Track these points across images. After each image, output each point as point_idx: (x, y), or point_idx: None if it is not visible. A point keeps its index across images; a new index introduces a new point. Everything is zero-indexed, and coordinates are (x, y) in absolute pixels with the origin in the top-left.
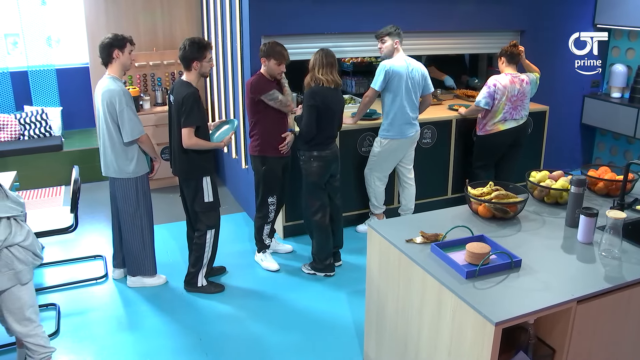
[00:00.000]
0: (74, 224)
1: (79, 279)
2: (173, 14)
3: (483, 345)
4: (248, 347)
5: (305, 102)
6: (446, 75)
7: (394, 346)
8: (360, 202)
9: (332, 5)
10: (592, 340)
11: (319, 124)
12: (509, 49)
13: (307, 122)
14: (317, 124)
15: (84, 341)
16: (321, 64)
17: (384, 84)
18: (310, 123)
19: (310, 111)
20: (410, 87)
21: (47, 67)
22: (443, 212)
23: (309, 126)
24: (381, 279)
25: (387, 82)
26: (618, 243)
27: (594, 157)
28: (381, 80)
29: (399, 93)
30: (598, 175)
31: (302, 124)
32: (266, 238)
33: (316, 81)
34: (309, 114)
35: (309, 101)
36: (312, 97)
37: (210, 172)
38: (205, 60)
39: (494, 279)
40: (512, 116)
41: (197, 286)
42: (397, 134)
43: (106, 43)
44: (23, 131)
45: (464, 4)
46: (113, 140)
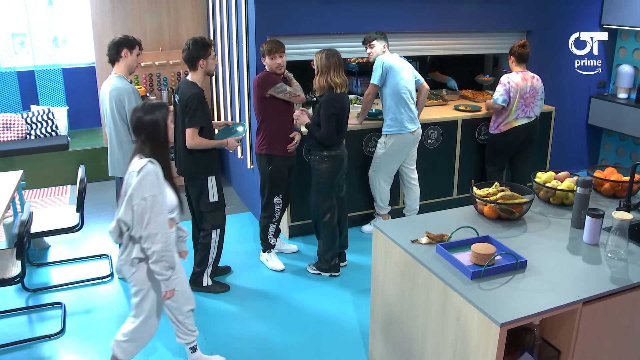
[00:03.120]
0: (79, 223)
1: (85, 278)
2: (179, 13)
3: (488, 346)
4: (253, 346)
5: (324, 111)
6: (448, 77)
7: (399, 346)
8: (365, 202)
9: (338, 5)
10: (597, 341)
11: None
12: (518, 49)
13: (327, 130)
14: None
15: (90, 340)
16: (335, 66)
17: (382, 77)
18: (331, 131)
19: (331, 120)
20: (406, 80)
21: (53, 67)
22: (448, 213)
23: (330, 133)
24: (386, 279)
25: (385, 77)
26: (624, 244)
27: (600, 158)
28: (379, 74)
29: (397, 86)
30: (604, 176)
31: (321, 132)
32: (271, 238)
33: (332, 85)
34: (329, 122)
35: (329, 109)
36: (333, 106)
37: (216, 172)
38: (210, 58)
39: (499, 280)
40: (525, 113)
41: (202, 286)
42: (401, 128)
43: (117, 41)
44: (29, 130)
45: (470, 4)
46: (121, 139)
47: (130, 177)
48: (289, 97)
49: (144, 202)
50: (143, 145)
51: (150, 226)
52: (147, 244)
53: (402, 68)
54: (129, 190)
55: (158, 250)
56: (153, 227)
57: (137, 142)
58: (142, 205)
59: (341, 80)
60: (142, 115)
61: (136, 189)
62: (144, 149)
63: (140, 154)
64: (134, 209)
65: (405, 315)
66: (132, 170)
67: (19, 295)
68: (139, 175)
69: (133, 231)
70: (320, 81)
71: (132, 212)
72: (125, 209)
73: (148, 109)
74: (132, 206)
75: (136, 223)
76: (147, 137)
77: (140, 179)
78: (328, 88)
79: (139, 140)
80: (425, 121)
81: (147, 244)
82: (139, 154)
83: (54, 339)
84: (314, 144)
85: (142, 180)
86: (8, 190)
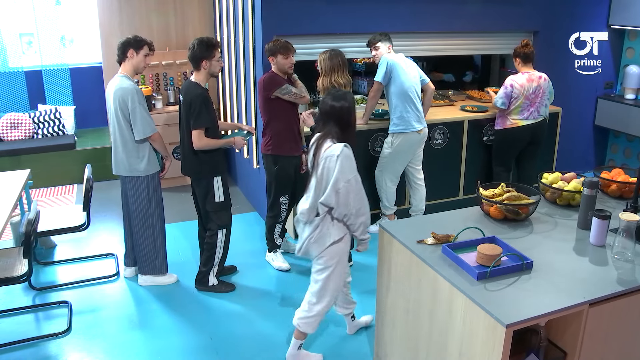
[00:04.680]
0: (86, 222)
1: (91, 277)
2: (186, 13)
3: (494, 347)
4: (258, 346)
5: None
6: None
7: (404, 347)
8: (371, 202)
9: (345, 5)
10: (604, 343)
11: None
12: (521, 49)
13: None
14: None
15: (96, 339)
16: (339, 66)
17: (386, 75)
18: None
19: None
20: (411, 79)
21: (60, 67)
22: (454, 213)
23: None
24: (392, 279)
25: (389, 75)
26: (631, 246)
27: (607, 159)
28: (383, 72)
29: (403, 85)
30: (611, 177)
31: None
32: (277, 238)
33: (336, 86)
34: None
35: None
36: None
37: (221, 172)
38: (215, 59)
39: (505, 281)
40: (530, 113)
41: (208, 285)
42: (408, 127)
43: (124, 41)
44: (37, 130)
45: (475, 5)
46: (125, 138)
47: (330, 161)
48: (294, 98)
49: (348, 184)
50: (332, 129)
51: (356, 203)
52: (352, 220)
53: (407, 67)
54: (332, 175)
55: (364, 221)
56: (358, 203)
57: (325, 127)
58: (347, 187)
59: (345, 80)
60: (333, 103)
61: (340, 173)
62: (334, 133)
63: (331, 138)
64: (339, 192)
65: (411, 316)
66: (330, 154)
67: (26, 294)
68: (339, 160)
69: (337, 212)
70: (324, 82)
71: (336, 195)
72: (330, 193)
73: (338, 97)
74: (338, 189)
75: (341, 204)
76: (337, 122)
77: (342, 163)
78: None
79: (327, 125)
80: (431, 121)
81: (352, 220)
82: (330, 138)
83: (60, 337)
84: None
85: (343, 164)
86: (15, 189)
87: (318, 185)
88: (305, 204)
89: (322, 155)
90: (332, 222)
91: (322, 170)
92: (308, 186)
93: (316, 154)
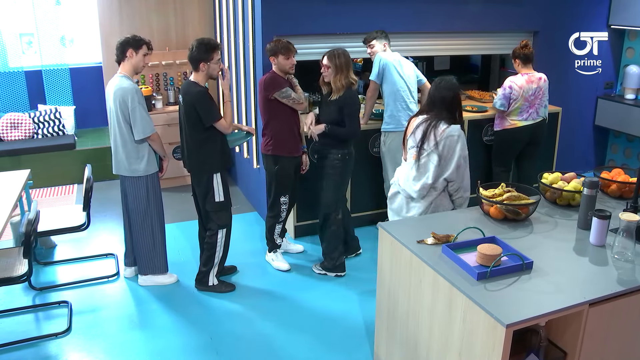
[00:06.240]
0: (86, 222)
1: (91, 277)
2: (186, 13)
3: (494, 347)
4: (258, 346)
5: (349, 109)
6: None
7: (404, 347)
8: (371, 203)
9: (345, 5)
10: (604, 343)
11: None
12: (521, 50)
13: (355, 127)
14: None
15: (96, 339)
16: (350, 64)
17: (379, 74)
18: (356, 127)
19: (356, 116)
20: (405, 79)
21: (60, 67)
22: (454, 213)
23: (356, 129)
24: (392, 279)
25: (383, 73)
26: (631, 246)
27: (607, 159)
28: (377, 71)
29: (395, 83)
30: (611, 177)
31: (347, 130)
32: (277, 238)
33: (352, 82)
34: (355, 118)
35: (353, 106)
36: (355, 102)
37: (222, 168)
38: (213, 62)
39: (505, 281)
40: (529, 114)
41: (208, 285)
42: (398, 125)
43: (123, 41)
44: (37, 130)
45: (476, 5)
46: (124, 138)
47: (451, 140)
48: (291, 103)
49: (464, 161)
50: (441, 113)
51: (466, 178)
52: (460, 193)
53: (401, 66)
54: (455, 152)
55: (468, 196)
56: (467, 178)
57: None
58: (463, 163)
59: (354, 79)
60: (444, 91)
61: (461, 150)
62: (443, 116)
63: (443, 121)
64: (460, 167)
65: (411, 316)
66: (450, 134)
67: (26, 294)
68: (460, 139)
69: (453, 186)
70: (341, 80)
71: (457, 170)
72: (453, 168)
73: (449, 87)
74: (460, 165)
75: (457, 177)
76: (447, 107)
77: (462, 142)
78: (347, 86)
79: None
80: None
81: (460, 193)
82: (442, 120)
83: (60, 337)
84: (333, 144)
85: (461, 143)
86: (15, 189)
87: (442, 162)
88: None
89: (440, 135)
90: (444, 194)
91: (443, 149)
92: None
93: (426, 135)
